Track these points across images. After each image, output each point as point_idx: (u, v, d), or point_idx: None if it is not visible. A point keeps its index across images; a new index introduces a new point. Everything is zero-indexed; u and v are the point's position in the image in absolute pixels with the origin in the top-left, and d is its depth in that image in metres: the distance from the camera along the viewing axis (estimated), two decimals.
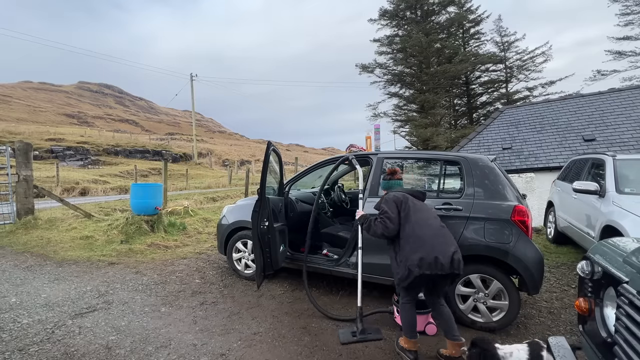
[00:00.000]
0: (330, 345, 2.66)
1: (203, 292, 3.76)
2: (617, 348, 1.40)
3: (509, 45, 23.62)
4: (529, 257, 2.81)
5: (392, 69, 24.05)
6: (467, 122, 24.25)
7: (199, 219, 7.90)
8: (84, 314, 3.12)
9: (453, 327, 2.40)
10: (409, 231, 2.40)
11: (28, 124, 44.99)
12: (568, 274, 4.42)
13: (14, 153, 6.80)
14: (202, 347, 2.59)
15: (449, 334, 2.39)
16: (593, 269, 1.69)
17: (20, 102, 74.44)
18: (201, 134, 62.89)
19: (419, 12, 23.65)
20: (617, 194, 3.87)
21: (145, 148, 34.66)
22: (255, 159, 42.36)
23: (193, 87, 32.39)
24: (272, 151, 3.57)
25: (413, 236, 2.37)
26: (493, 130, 10.04)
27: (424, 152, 4.25)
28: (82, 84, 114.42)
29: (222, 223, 4.39)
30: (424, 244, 2.32)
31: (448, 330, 2.40)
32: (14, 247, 5.54)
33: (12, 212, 6.67)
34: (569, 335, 2.83)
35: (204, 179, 24.85)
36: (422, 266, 2.26)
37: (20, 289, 3.72)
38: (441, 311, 2.45)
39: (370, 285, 3.74)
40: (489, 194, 3.06)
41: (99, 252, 5.25)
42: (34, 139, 26.98)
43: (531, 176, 7.69)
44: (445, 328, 2.42)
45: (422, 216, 2.47)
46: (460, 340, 2.35)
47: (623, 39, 20.54)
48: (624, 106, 8.68)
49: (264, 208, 3.22)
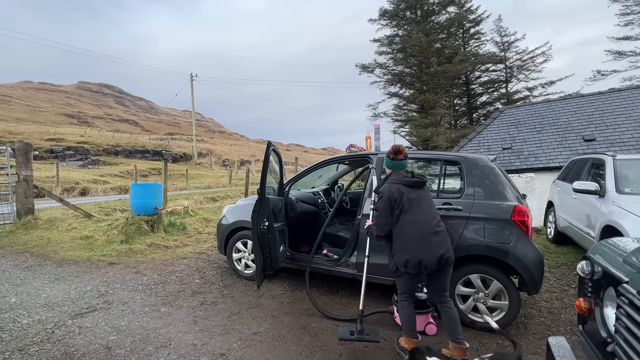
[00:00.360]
0: (331, 345, 2.66)
1: (203, 292, 3.76)
2: (617, 348, 1.40)
3: (509, 45, 23.62)
4: (529, 257, 2.81)
5: (392, 69, 24.04)
6: (467, 122, 24.24)
7: (199, 219, 7.90)
8: (84, 314, 3.12)
9: (458, 330, 2.34)
10: (399, 230, 2.42)
11: (28, 124, 45.01)
12: (568, 274, 4.42)
13: (14, 153, 6.80)
14: (202, 347, 2.59)
15: (453, 336, 2.34)
16: (593, 269, 1.69)
17: (20, 102, 74.46)
18: (201, 134, 62.90)
19: (419, 12, 23.64)
20: (617, 194, 3.87)
21: (145, 148, 34.66)
22: (255, 159, 42.37)
23: (193, 87, 32.42)
24: (272, 151, 3.57)
25: (401, 236, 2.41)
26: (493, 130, 10.04)
27: (424, 152, 4.24)
28: (82, 84, 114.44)
29: (222, 223, 4.39)
30: (409, 246, 2.35)
31: (453, 332, 2.34)
32: (14, 247, 5.54)
33: (12, 212, 6.67)
34: (569, 335, 2.83)
35: (204, 179, 24.85)
36: (407, 266, 2.33)
37: (20, 289, 3.72)
38: (446, 311, 2.40)
39: (371, 285, 3.74)
40: (489, 194, 3.06)
41: (99, 252, 5.25)
42: (34, 139, 26.98)
43: (531, 176, 7.69)
44: (450, 330, 2.36)
45: (416, 212, 2.42)
46: (464, 345, 2.28)
47: (623, 39, 20.54)
48: (624, 106, 8.68)
49: (264, 208, 3.22)
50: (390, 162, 2.72)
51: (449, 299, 2.46)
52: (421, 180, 2.54)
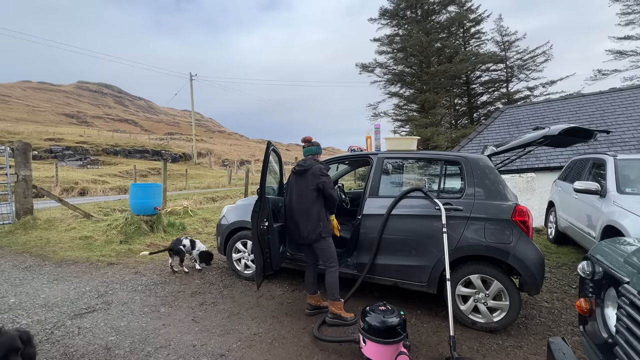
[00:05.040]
0: (331, 346, 2.65)
1: (202, 292, 3.75)
2: (617, 348, 1.39)
3: (509, 44, 23.59)
4: (529, 257, 2.80)
5: (393, 69, 24.01)
6: (467, 121, 24.21)
7: (199, 219, 7.90)
8: (83, 315, 3.11)
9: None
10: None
11: (27, 124, 45.01)
12: (569, 274, 4.41)
13: (12, 153, 6.79)
14: (202, 347, 2.59)
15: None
16: (594, 269, 1.69)
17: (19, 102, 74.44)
18: (201, 134, 62.91)
19: (419, 12, 23.62)
20: (618, 194, 3.86)
21: (145, 148, 34.64)
22: (255, 159, 42.37)
23: (192, 86, 32.41)
24: (272, 151, 3.56)
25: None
26: (494, 130, 10.03)
27: (425, 152, 4.24)
28: (81, 84, 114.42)
29: (222, 223, 4.38)
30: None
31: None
32: (13, 247, 5.53)
33: (11, 212, 6.66)
34: (570, 336, 2.82)
35: (204, 179, 24.85)
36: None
37: (19, 290, 3.71)
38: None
39: (371, 285, 3.74)
40: (489, 194, 3.05)
41: (98, 253, 5.24)
42: (33, 138, 26.97)
43: (532, 176, 7.68)
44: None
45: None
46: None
47: (624, 39, 20.52)
48: (624, 106, 8.67)
49: (263, 208, 3.21)
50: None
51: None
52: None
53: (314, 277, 3.29)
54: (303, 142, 3.33)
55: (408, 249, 3.19)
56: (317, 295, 3.27)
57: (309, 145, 3.27)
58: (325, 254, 3.07)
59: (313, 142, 3.30)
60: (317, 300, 3.25)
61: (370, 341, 2.27)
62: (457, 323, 2.91)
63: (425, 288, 3.11)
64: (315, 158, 3.25)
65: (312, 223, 3.00)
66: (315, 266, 3.28)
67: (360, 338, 2.39)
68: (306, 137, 3.33)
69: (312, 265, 3.28)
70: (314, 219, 3.00)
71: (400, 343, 2.29)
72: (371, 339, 2.26)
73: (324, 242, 3.04)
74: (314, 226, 2.99)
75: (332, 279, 3.04)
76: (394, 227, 3.24)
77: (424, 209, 3.14)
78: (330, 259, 3.06)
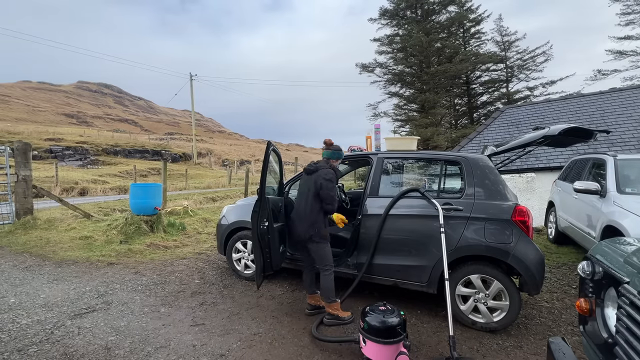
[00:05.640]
0: (331, 346, 2.65)
1: (203, 292, 3.75)
2: (617, 348, 1.39)
3: (509, 44, 23.59)
4: (529, 257, 2.80)
5: (393, 69, 24.02)
6: (467, 121, 24.21)
7: (199, 219, 7.90)
8: (83, 315, 3.11)
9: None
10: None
11: (27, 124, 45.01)
12: (569, 275, 4.41)
13: (12, 153, 6.79)
14: (202, 347, 2.59)
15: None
16: (594, 269, 1.69)
17: (19, 102, 74.46)
18: (201, 134, 62.90)
19: (419, 12, 23.63)
20: (618, 194, 3.86)
21: (145, 148, 34.63)
22: (255, 159, 42.35)
23: (193, 86, 32.41)
24: (272, 151, 3.56)
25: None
26: (494, 130, 10.03)
27: (425, 152, 4.23)
28: (81, 84, 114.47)
29: (222, 223, 4.37)
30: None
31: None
32: (13, 247, 5.53)
33: (11, 212, 6.66)
34: (570, 336, 2.82)
35: (204, 179, 24.84)
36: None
37: (19, 290, 3.71)
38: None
39: (371, 285, 3.74)
40: (489, 194, 3.05)
41: (98, 253, 5.24)
42: (33, 138, 26.96)
43: (532, 176, 7.68)
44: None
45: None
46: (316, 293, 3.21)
47: (624, 39, 20.53)
48: (624, 106, 8.67)
49: (263, 208, 3.21)
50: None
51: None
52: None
53: (312, 277, 3.29)
54: (324, 144, 3.31)
55: (408, 249, 3.19)
56: (317, 294, 3.26)
57: (327, 149, 3.26)
58: (319, 256, 3.06)
59: (332, 147, 3.26)
60: (317, 300, 3.25)
61: (370, 341, 2.27)
62: (457, 323, 2.91)
63: (425, 288, 3.11)
64: (329, 162, 3.22)
65: (306, 224, 3.04)
66: (312, 266, 3.27)
67: (360, 338, 2.38)
68: (326, 140, 3.30)
69: (309, 265, 3.28)
70: (308, 220, 3.03)
71: (400, 343, 2.29)
72: (371, 339, 2.27)
73: (316, 245, 3.04)
74: (307, 227, 3.02)
75: (327, 283, 3.01)
76: (394, 227, 3.25)
77: (424, 209, 3.14)
78: (324, 262, 3.04)
